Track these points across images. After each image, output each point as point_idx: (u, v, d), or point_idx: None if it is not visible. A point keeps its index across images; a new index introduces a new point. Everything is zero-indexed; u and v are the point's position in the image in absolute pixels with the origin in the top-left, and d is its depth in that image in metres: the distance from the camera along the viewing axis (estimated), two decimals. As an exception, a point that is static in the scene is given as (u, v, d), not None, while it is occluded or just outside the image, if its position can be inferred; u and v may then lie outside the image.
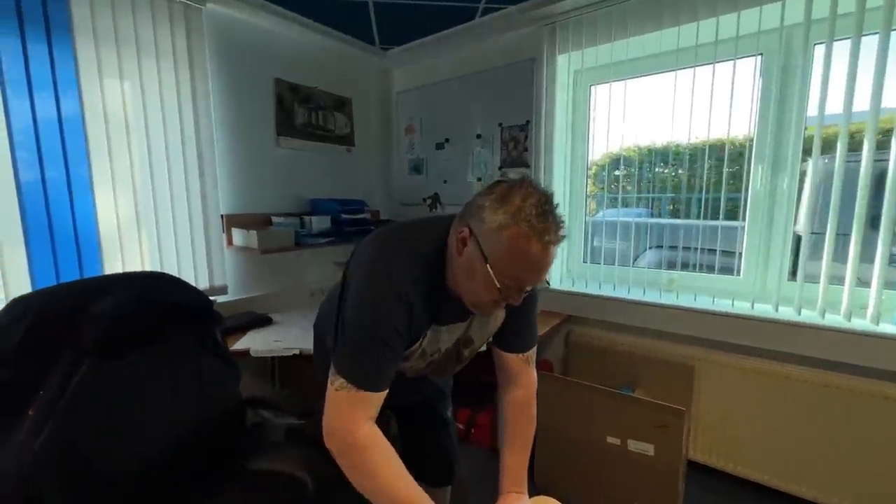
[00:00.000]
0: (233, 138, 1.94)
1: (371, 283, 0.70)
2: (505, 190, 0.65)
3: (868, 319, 1.41)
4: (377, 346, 0.69)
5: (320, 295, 2.30)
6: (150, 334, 1.04)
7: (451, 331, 0.81)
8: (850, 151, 1.42)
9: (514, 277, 0.66)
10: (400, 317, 0.69)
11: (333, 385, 0.70)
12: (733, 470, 1.65)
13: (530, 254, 0.63)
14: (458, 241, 0.69)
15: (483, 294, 0.69)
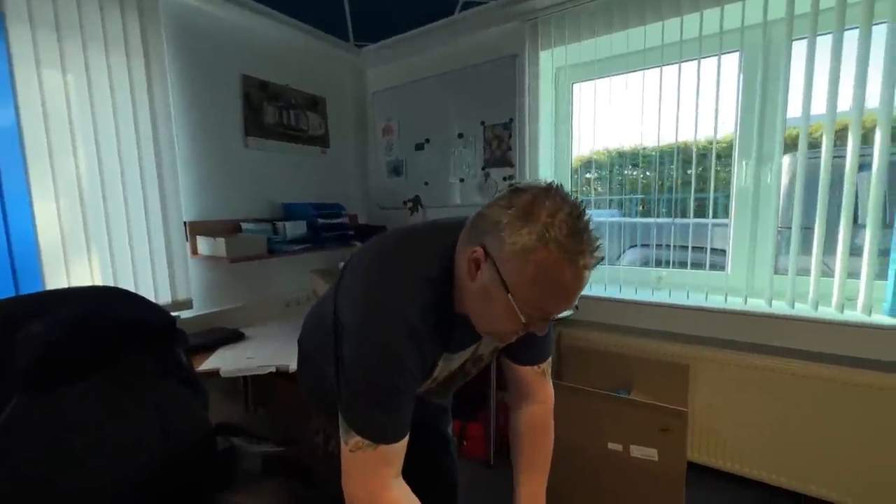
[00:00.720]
0: (196, 138, 1.78)
1: (373, 321, 0.59)
2: (528, 202, 0.53)
3: (859, 310, 1.41)
4: (392, 393, 0.59)
5: (296, 305, 2.15)
6: (98, 359, 0.89)
7: (461, 356, 0.72)
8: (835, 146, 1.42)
9: (540, 308, 0.55)
10: (412, 357, 0.59)
11: (348, 445, 0.60)
12: (732, 468, 1.62)
13: (562, 282, 0.52)
14: (470, 264, 0.57)
15: (502, 324, 0.59)
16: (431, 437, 0.99)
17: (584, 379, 1.70)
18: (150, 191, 1.61)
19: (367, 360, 0.59)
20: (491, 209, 0.57)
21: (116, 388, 0.93)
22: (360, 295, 0.61)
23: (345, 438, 0.61)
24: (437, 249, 0.63)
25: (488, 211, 0.57)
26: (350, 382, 0.60)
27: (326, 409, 0.84)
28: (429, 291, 0.60)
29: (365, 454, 0.59)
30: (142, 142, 1.57)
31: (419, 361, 0.60)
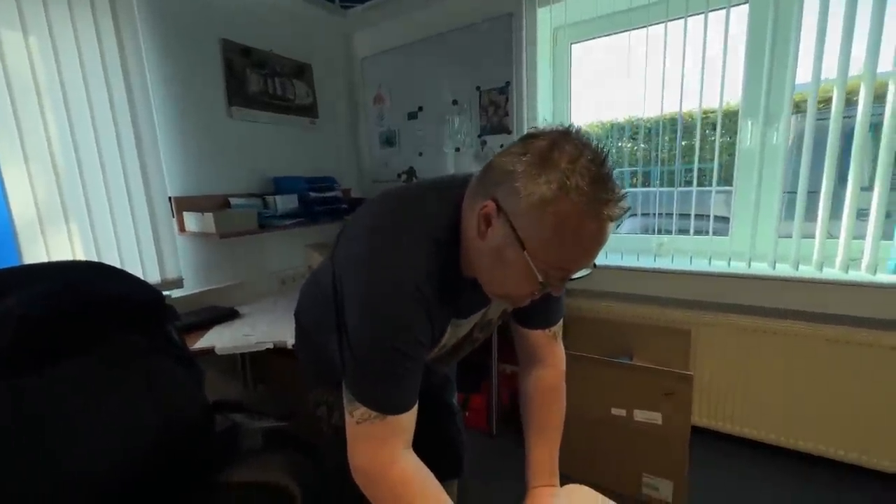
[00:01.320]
0: (176, 108, 1.68)
1: (377, 284, 0.54)
2: (545, 147, 0.47)
3: (864, 270, 1.40)
4: (399, 361, 0.55)
5: (291, 282, 2.10)
6: (83, 336, 0.84)
7: (470, 321, 0.68)
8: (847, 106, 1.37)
9: (559, 266, 0.50)
10: (420, 321, 0.55)
11: (353, 416, 0.57)
12: (734, 430, 1.64)
13: (584, 235, 0.47)
14: (480, 219, 0.51)
15: (516, 286, 0.54)
16: (437, 407, 0.96)
17: (585, 347, 1.69)
18: (130, 162, 1.52)
19: (372, 328, 0.55)
20: (503, 157, 0.51)
21: (104, 367, 0.88)
22: (362, 260, 0.56)
23: (350, 409, 0.57)
24: (441, 207, 0.57)
25: (500, 160, 0.51)
26: (355, 352, 0.56)
27: (328, 381, 0.80)
28: (435, 254, 0.55)
29: (373, 425, 0.55)
30: (117, 110, 1.47)
31: (427, 328, 0.56)
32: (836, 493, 1.41)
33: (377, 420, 0.55)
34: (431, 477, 0.58)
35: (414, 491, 0.56)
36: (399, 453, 0.57)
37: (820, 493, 1.41)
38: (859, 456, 1.44)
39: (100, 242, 1.47)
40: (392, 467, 0.56)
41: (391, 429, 0.56)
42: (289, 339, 1.37)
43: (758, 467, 1.55)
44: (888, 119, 1.33)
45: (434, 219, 0.57)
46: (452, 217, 0.57)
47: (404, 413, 0.56)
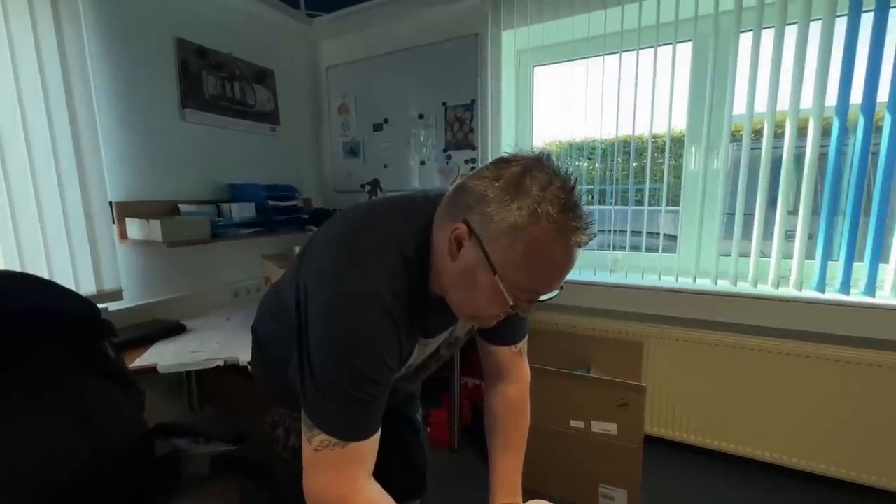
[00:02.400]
0: (122, 106, 1.57)
1: (344, 308, 0.52)
2: (517, 174, 0.48)
3: (791, 287, 1.54)
4: (365, 387, 0.52)
5: (245, 295, 2.00)
6: (2, 355, 0.75)
7: (437, 339, 0.67)
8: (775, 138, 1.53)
9: (529, 289, 0.51)
10: (388, 344, 0.53)
11: (312, 443, 0.53)
12: (683, 438, 1.73)
13: (553, 260, 0.48)
14: (451, 242, 0.52)
15: (486, 308, 0.54)
16: (400, 423, 0.94)
17: (546, 359, 1.72)
18: (65, 163, 1.39)
19: (337, 352, 0.52)
20: (475, 181, 0.51)
21: (23, 389, 0.79)
22: (328, 278, 0.54)
23: (308, 436, 0.54)
24: (411, 225, 0.57)
25: (472, 183, 0.52)
26: (318, 378, 0.53)
27: (285, 401, 0.76)
28: (404, 272, 0.54)
29: (333, 453, 0.52)
30: (51, 104, 1.35)
31: (396, 350, 0.55)
32: (783, 495, 1.51)
33: (337, 447, 0.52)
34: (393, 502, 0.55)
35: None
36: (360, 483, 0.54)
37: (767, 497, 1.51)
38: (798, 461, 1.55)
39: (24, 250, 1.32)
40: (355, 497, 0.53)
41: (352, 456, 0.53)
42: (242, 355, 1.29)
43: (705, 473, 1.64)
44: (809, 151, 1.49)
45: (404, 237, 0.56)
46: (422, 236, 0.56)
47: (367, 440, 0.54)
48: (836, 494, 1.49)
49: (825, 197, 1.51)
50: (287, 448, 0.76)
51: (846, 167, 1.50)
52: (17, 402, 0.78)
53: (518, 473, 0.73)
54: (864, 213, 1.48)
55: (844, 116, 1.45)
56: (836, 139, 1.47)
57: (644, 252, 1.86)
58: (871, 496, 1.46)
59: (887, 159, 1.43)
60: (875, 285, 1.45)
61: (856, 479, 1.48)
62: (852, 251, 1.47)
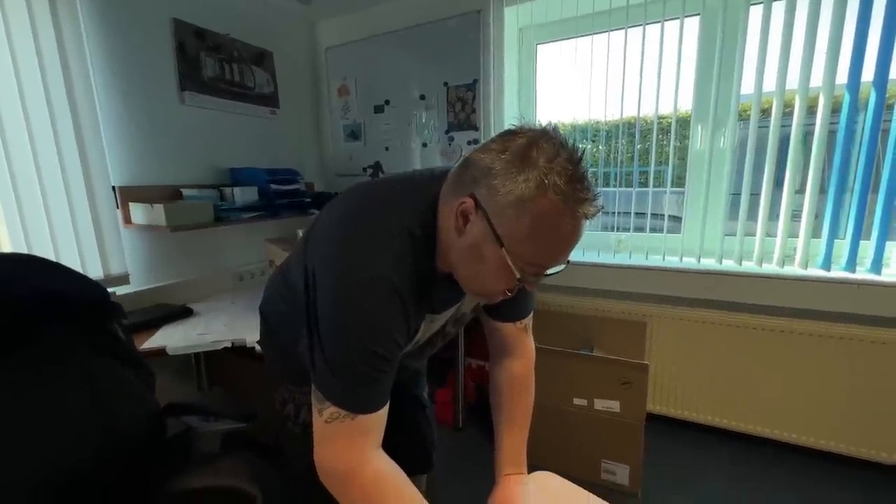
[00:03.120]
0: (120, 90, 1.55)
1: (352, 285, 0.52)
2: (524, 146, 0.48)
3: (797, 265, 1.53)
4: (373, 363, 0.53)
5: (250, 279, 2.01)
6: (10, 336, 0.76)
7: (444, 316, 0.67)
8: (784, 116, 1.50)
9: (536, 262, 0.51)
10: (396, 321, 0.54)
11: (322, 415, 0.55)
12: (684, 415, 1.75)
13: (560, 232, 0.48)
14: (457, 217, 0.52)
15: (493, 283, 0.54)
16: (407, 400, 0.95)
17: (549, 340, 1.73)
18: (66, 147, 1.39)
19: (347, 330, 0.53)
20: (481, 154, 0.51)
21: (34, 370, 0.80)
22: (335, 256, 0.54)
23: (319, 408, 0.55)
24: (417, 202, 0.57)
25: (478, 156, 0.51)
26: (328, 354, 0.54)
27: (295, 378, 0.78)
28: (410, 249, 0.54)
29: (343, 424, 0.54)
30: (50, 88, 1.34)
31: (403, 327, 0.55)
32: (784, 469, 1.54)
33: (347, 419, 0.53)
34: (404, 476, 0.57)
35: (387, 491, 0.55)
36: (370, 453, 0.55)
37: (768, 471, 1.53)
38: (800, 436, 1.57)
39: (31, 236, 1.33)
40: (364, 467, 0.54)
41: (362, 428, 0.54)
42: (248, 336, 1.31)
43: (706, 449, 1.66)
44: (818, 130, 1.47)
45: (410, 213, 0.55)
46: (428, 213, 0.56)
47: (376, 413, 0.55)
48: (836, 468, 1.51)
49: (833, 174, 1.49)
50: (297, 423, 0.78)
51: (855, 144, 1.48)
52: (29, 383, 0.80)
53: (523, 447, 0.75)
54: (873, 190, 1.46)
55: (856, 92, 1.42)
56: (846, 115, 1.44)
57: (648, 233, 1.85)
58: (873, 470, 1.49)
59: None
60: (882, 263, 1.44)
61: (857, 455, 1.50)
62: (859, 229, 1.46)
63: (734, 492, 1.45)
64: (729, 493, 1.45)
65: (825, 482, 1.47)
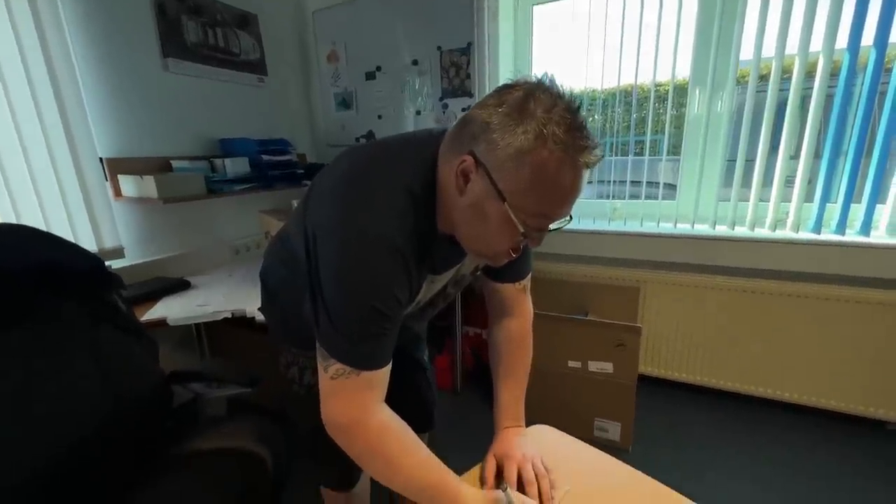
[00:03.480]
0: (100, 55, 1.48)
1: (353, 242, 0.52)
2: (520, 98, 0.47)
3: (788, 229, 1.56)
4: (376, 321, 0.54)
5: (245, 252, 2.01)
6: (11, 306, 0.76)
7: (444, 276, 0.68)
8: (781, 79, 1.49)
9: (539, 215, 0.51)
10: (397, 279, 0.54)
11: (328, 372, 0.56)
12: (675, 377, 1.82)
13: (562, 182, 0.48)
14: (458, 176, 0.51)
15: (497, 241, 0.54)
16: (408, 363, 0.98)
17: (545, 307, 1.76)
18: (49, 118, 1.34)
19: (349, 288, 0.53)
20: (478, 110, 0.50)
21: (40, 342, 0.81)
22: (336, 216, 0.54)
23: (324, 365, 0.56)
24: (417, 162, 0.56)
25: (475, 112, 0.51)
26: (331, 313, 0.54)
27: (298, 342, 0.79)
28: (412, 209, 0.54)
29: (348, 380, 0.55)
30: (26, 53, 1.28)
31: (405, 286, 0.56)
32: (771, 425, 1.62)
33: (352, 375, 0.55)
34: (407, 428, 0.59)
35: (392, 441, 0.57)
36: (374, 406, 0.57)
37: (752, 427, 1.61)
38: (791, 394, 1.64)
39: (21, 212, 1.31)
40: (368, 420, 0.56)
41: (366, 383, 0.56)
42: (247, 306, 1.32)
43: (696, 408, 1.74)
44: (816, 93, 1.46)
45: (410, 173, 0.55)
46: (428, 172, 0.55)
47: (379, 370, 0.56)
48: (823, 423, 1.60)
49: (828, 138, 1.49)
50: (302, 385, 0.80)
51: (852, 107, 1.47)
52: (34, 353, 0.80)
53: (521, 401, 0.78)
54: (866, 154, 1.47)
55: (855, 53, 1.40)
56: (844, 78, 1.43)
57: (643, 200, 1.85)
58: (859, 425, 1.57)
59: (893, 99, 1.40)
60: (871, 225, 1.47)
61: (844, 410, 1.57)
62: (851, 192, 1.48)
63: (722, 446, 1.53)
64: (717, 447, 1.52)
65: (812, 436, 1.55)
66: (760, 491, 1.32)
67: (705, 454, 1.50)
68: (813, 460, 1.44)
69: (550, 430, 0.78)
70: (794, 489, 1.33)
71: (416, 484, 0.57)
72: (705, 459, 1.47)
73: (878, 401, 1.51)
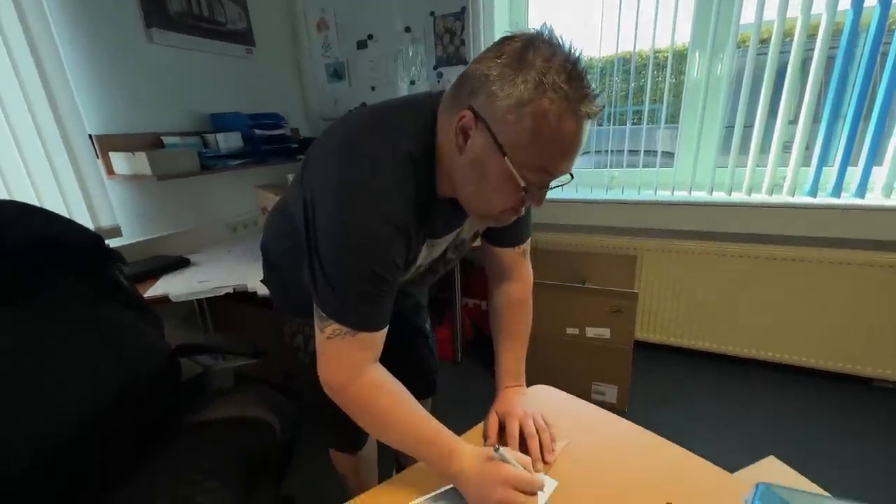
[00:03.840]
0: (82, 27, 1.43)
1: (352, 205, 0.52)
2: (519, 48, 0.46)
3: (785, 193, 1.56)
4: (374, 283, 0.54)
5: (243, 229, 2.00)
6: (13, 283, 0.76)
7: (445, 240, 0.68)
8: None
9: (541, 169, 0.49)
10: (396, 242, 0.54)
11: (324, 332, 0.56)
12: (671, 341, 1.86)
13: (563, 134, 0.46)
14: (457, 132, 0.50)
15: (500, 199, 0.53)
16: (410, 331, 0.99)
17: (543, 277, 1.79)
18: (33, 93, 1.30)
19: (348, 250, 0.53)
20: (476, 65, 0.49)
21: (45, 317, 0.82)
22: (335, 179, 0.53)
23: (320, 325, 0.57)
24: (416, 124, 0.55)
25: (474, 67, 0.50)
26: (329, 276, 0.54)
27: (302, 310, 0.79)
28: (411, 172, 0.53)
29: (343, 341, 0.55)
30: (6, 28, 1.23)
31: (403, 249, 0.56)
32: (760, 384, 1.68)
33: (348, 336, 0.55)
34: (401, 386, 0.60)
35: (383, 398, 0.58)
36: (368, 365, 0.58)
37: (745, 388, 1.67)
38: (782, 355, 1.69)
39: (13, 191, 1.29)
40: (360, 377, 0.57)
41: (360, 344, 0.56)
42: (249, 282, 1.33)
43: (690, 371, 1.79)
44: (817, 54, 1.43)
45: (410, 135, 0.54)
46: (428, 134, 0.55)
47: (375, 332, 0.57)
48: (811, 382, 1.65)
49: (828, 101, 1.48)
50: (307, 353, 0.81)
51: (853, 69, 1.45)
52: (42, 331, 0.81)
53: (521, 362, 0.79)
54: (865, 118, 1.46)
55: (859, 13, 1.37)
56: (846, 38, 1.40)
57: (641, 169, 1.85)
58: (848, 382, 1.62)
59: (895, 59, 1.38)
60: (867, 187, 1.48)
61: (840, 370, 1.61)
62: (848, 156, 1.48)
63: (714, 405, 1.59)
64: (710, 406, 1.58)
65: (802, 395, 1.61)
66: (751, 446, 1.38)
67: (699, 413, 1.55)
68: (804, 417, 1.50)
69: (550, 389, 0.81)
70: (785, 444, 1.39)
71: (411, 439, 0.57)
72: (699, 418, 1.53)
73: (866, 359, 1.56)
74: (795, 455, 0.95)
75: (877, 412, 1.49)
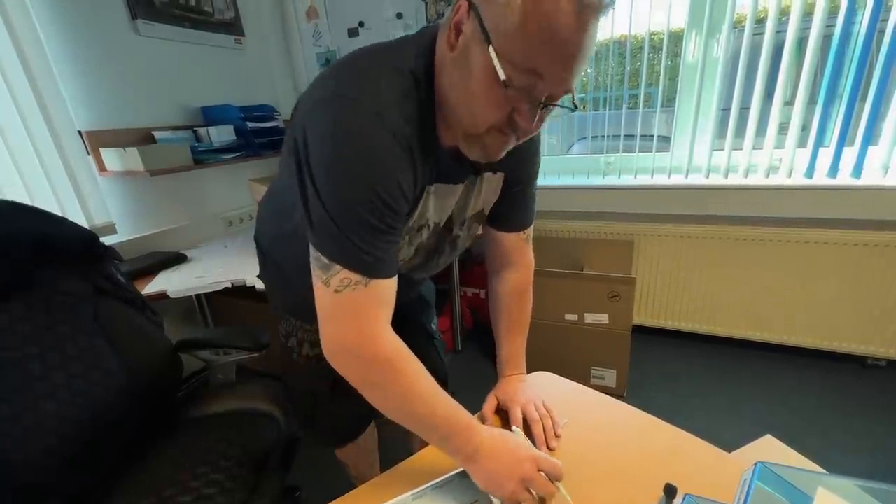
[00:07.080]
0: (65, 19, 1.40)
1: (350, 116, 0.45)
2: None
3: (782, 174, 1.56)
4: (378, 210, 0.46)
5: (239, 224, 1.99)
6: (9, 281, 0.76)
7: (445, 196, 0.60)
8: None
9: (530, 71, 0.41)
10: (400, 162, 0.47)
11: (330, 286, 0.48)
12: (668, 325, 1.88)
13: (558, 25, 0.38)
14: (450, 30, 0.45)
15: (484, 108, 0.45)
16: (416, 331, 0.95)
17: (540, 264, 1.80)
18: (18, 87, 1.28)
19: (349, 173, 0.45)
20: None
21: (45, 315, 0.82)
22: (329, 101, 0.46)
23: (324, 278, 0.48)
24: (414, 49, 0.49)
25: None
26: (330, 205, 0.46)
27: (296, 311, 0.79)
28: (415, 90, 0.48)
29: (355, 293, 0.48)
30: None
31: (409, 174, 0.49)
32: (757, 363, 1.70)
33: (359, 287, 0.48)
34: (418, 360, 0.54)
35: (408, 369, 0.51)
36: (385, 327, 0.51)
37: (742, 369, 1.69)
38: (780, 336, 1.70)
39: (4, 192, 1.28)
40: (380, 338, 0.50)
41: (375, 297, 0.49)
42: (247, 276, 1.32)
43: (687, 353, 1.81)
44: (814, 32, 1.41)
45: (411, 56, 0.49)
46: (428, 60, 0.49)
47: (388, 279, 0.50)
48: (807, 361, 1.68)
49: (825, 81, 1.47)
50: (301, 356, 0.81)
51: (850, 47, 1.44)
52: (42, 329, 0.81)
53: (522, 350, 0.80)
54: (861, 98, 1.45)
55: (856, -14, 1.35)
56: (844, 14, 1.38)
57: (637, 154, 1.84)
58: (842, 361, 1.65)
59: (893, 36, 1.36)
60: (862, 168, 1.48)
61: (827, 348, 1.64)
62: (844, 136, 1.47)
63: (711, 387, 1.61)
64: (707, 387, 1.61)
65: (798, 373, 1.64)
66: (748, 426, 1.41)
67: (697, 395, 1.58)
68: (800, 396, 1.52)
69: (550, 375, 0.82)
70: (782, 423, 1.42)
71: (430, 415, 0.52)
72: (697, 399, 1.55)
73: (860, 338, 1.58)
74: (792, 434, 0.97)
75: (871, 390, 1.52)
